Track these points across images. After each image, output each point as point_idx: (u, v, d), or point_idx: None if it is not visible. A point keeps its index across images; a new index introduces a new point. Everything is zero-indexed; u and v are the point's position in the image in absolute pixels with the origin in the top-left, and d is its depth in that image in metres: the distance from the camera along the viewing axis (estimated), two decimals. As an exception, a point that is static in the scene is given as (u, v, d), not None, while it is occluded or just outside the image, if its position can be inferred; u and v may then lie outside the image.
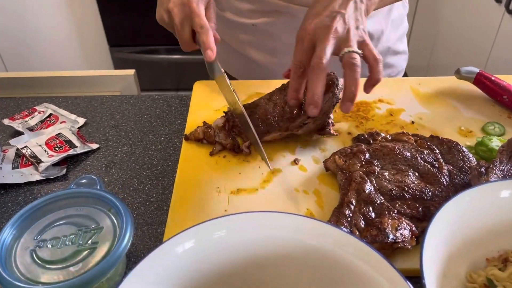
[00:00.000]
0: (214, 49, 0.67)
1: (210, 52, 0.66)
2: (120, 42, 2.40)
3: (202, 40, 0.67)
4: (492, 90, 0.78)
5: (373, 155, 0.65)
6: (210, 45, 0.66)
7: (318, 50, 0.62)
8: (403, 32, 1.00)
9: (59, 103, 0.86)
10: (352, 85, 0.60)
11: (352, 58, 0.61)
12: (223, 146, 0.70)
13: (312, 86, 0.61)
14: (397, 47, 0.98)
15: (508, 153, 0.62)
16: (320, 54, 0.61)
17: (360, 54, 0.61)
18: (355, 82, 0.60)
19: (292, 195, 0.63)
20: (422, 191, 0.60)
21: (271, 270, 0.47)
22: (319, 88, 0.61)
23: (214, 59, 0.67)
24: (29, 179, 0.69)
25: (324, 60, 0.60)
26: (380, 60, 0.63)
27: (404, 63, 1.03)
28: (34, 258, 0.50)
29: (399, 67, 1.01)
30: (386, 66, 0.97)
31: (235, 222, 0.44)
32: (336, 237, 0.41)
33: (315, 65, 0.60)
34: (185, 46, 0.71)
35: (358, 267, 0.40)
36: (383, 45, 0.94)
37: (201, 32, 0.67)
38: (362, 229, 0.55)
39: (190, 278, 0.46)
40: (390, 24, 0.93)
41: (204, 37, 0.67)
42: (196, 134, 0.71)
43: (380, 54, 0.81)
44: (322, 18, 0.63)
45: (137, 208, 0.65)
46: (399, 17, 0.95)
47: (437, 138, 0.67)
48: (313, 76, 0.61)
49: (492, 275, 0.49)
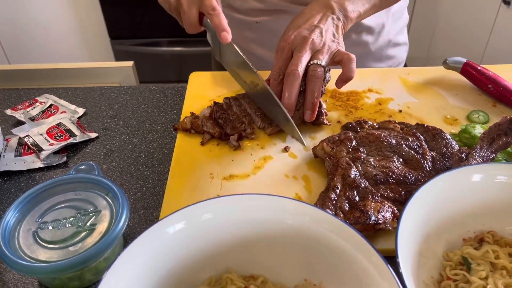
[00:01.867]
0: (229, 31, 0.69)
1: (226, 34, 0.68)
2: (121, 35, 2.43)
3: (215, 23, 0.68)
4: (478, 79, 0.80)
5: (359, 142, 0.68)
6: (224, 27, 0.68)
7: (294, 58, 0.68)
8: (403, 24, 1.02)
9: (59, 94, 0.89)
10: (311, 96, 0.67)
11: (314, 70, 0.67)
12: (211, 135, 0.73)
13: (286, 90, 0.67)
14: (398, 39, 1.00)
15: (489, 140, 0.64)
16: (296, 61, 0.67)
17: (326, 68, 0.67)
18: (313, 93, 0.67)
19: (282, 180, 0.66)
20: (406, 176, 0.62)
21: (257, 250, 0.50)
22: (293, 92, 0.67)
23: (230, 40, 0.69)
24: (31, 167, 0.72)
25: (299, 68, 0.66)
26: (353, 59, 0.68)
27: (404, 54, 1.06)
28: (36, 239, 0.53)
29: (399, 58, 1.04)
30: (386, 57, 1.00)
31: (221, 204, 0.47)
32: (311, 214, 0.44)
33: (290, 72, 0.67)
34: (191, 28, 0.73)
35: (333, 241, 0.43)
36: (384, 38, 0.96)
37: (213, 14, 0.68)
38: (346, 211, 0.58)
39: (181, 257, 0.49)
40: (391, 17, 0.95)
41: (217, 20, 0.68)
42: (184, 124, 0.74)
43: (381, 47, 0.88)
44: (301, 30, 0.69)
45: (134, 193, 0.68)
46: (399, 9, 0.98)
47: (422, 126, 0.70)
48: (288, 81, 0.67)
49: (467, 254, 0.52)
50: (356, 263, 0.42)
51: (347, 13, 0.73)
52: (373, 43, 0.95)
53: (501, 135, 0.64)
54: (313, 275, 0.49)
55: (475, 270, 0.50)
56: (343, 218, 0.56)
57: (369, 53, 0.96)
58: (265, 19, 0.91)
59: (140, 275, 0.45)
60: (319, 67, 0.67)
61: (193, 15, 0.70)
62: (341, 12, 0.73)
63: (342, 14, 0.73)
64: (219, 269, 0.50)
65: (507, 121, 0.64)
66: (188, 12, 0.70)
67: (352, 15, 0.74)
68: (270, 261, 0.50)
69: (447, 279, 0.50)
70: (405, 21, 1.02)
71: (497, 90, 0.77)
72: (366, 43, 0.94)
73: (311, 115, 0.69)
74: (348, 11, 0.73)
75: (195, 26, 0.72)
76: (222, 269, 0.50)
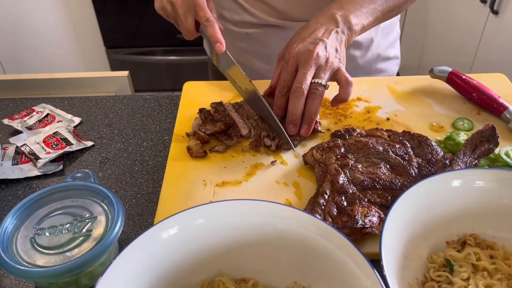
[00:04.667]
0: (223, 42, 0.73)
1: (220, 45, 0.72)
2: (116, 44, 2.45)
3: (209, 34, 0.72)
4: (463, 88, 0.83)
5: (348, 149, 0.70)
6: (218, 38, 0.72)
7: (299, 74, 0.70)
8: (394, 39, 1.04)
9: (56, 104, 0.91)
10: (310, 112, 0.71)
11: (315, 89, 0.70)
12: (218, 133, 0.74)
13: (292, 107, 0.70)
14: (388, 53, 1.02)
15: (472, 146, 0.67)
16: (301, 79, 0.69)
17: (326, 86, 0.70)
18: (311, 110, 0.70)
19: (273, 187, 0.68)
20: (392, 181, 0.64)
21: (248, 254, 0.52)
22: (298, 110, 0.70)
23: (224, 50, 0.72)
24: (28, 175, 0.73)
25: (304, 86, 0.69)
26: (350, 83, 0.71)
27: (395, 67, 1.08)
28: (33, 245, 0.55)
29: (390, 72, 1.06)
30: (376, 71, 1.02)
31: (213, 210, 0.49)
32: (299, 218, 0.46)
33: (296, 90, 0.70)
34: (188, 35, 0.76)
35: (320, 244, 0.45)
36: (372, 52, 0.98)
37: (207, 25, 0.72)
38: (335, 216, 0.60)
39: (174, 261, 0.50)
40: (380, 33, 0.97)
41: (211, 30, 0.72)
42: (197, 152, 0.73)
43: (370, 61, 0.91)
44: (306, 44, 0.72)
45: (129, 200, 0.69)
46: (389, 24, 0.99)
47: (409, 133, 0.72)
48: (293, 98, 0.70)
49: (450, 256, 0.54)
50: (342, 265, 0.44)
51: (351, 26, 0.75)
52: (361, 57, 0.97)
53: (483, 141, 0.67)
54: (302, 278, 0.51)
55: (458, 272, 0.52)
56: (331, 223, 0.59)
57: (357, 67, 0.98)
58: (256, 31, 0.93)
59: (134, 278, 0.47)
60: (320, 86, 0.70)
61: (189, 24, 0.74)
62: (345, 25, 0.74)
63: (347, 28, 0.75)
64: (211, 272, 0.52)
65: (489, 129, 0.67)
66: (184, 21, 0.74)
67: (356, 28, 0.75)
68: (261, 264, 0.52)
69: (431, 281, 0.52)
70: (396, 35, 1.04)
71: (481, 99, 0.80)
72: (354, 58, 0.96)
73: (307, 130, 0.72)
74: (352, 24, 0.75)
75: (192, 33, 0.76)
76: (214, 272, 0.52)
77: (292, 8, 0.87)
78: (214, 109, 0.78)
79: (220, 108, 0.78)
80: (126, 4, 2.30)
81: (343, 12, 0.75)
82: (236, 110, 0.78)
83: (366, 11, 0.77)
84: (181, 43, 2.26)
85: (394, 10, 0.81)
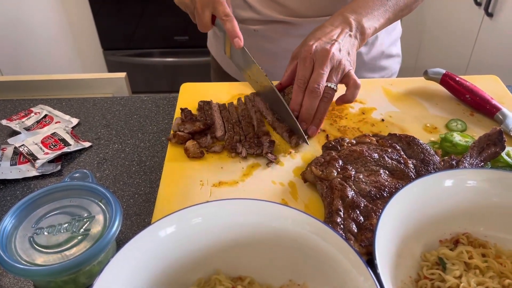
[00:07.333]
0: (241, 37, 0.75)
1: (238, 40, 0.74)
2: (114, 46, 2.45)
3: (228, 29, 0.73)
4: (456, 89, 0.84)
5: (345, 160, 0.68)
6: (237, 33, 0.74)
7: (316, 73, 0.72)
8: (396, 37, 1.06)
9: (53, 105, 0.91)
10: (320, 113, 0.73)
11: (327, 92, 0.73)
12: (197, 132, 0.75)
13: (308, 105, 0.72)
14: (391, 50, 1.04)
15: (479, 149, 0.68)
16: (318, 79, 0.71)
17: (335, 89, 0.73)
18: (321, 112, 0.73)
19: (269, 187, 0.69)
20: (396, 187, 0.64)
21: (244, 252, 0.53)
22: (313, 107, 0.72)
23: (242, 46, 0.74)
24: (26, 175, 0.74)
25: (321, 86, 0.71)
26: (358, 86, 0.74)
27: (397, 65, 1.09)
28: (32, 244, 0.55)
29: (392, 69, 1.07)
30: (379, 68, 1.04)
31: (210, 209, 0.50)
32: (294, 218, 0.47)
33: (314, 90, 0.72)
34: (203, 28, 0.78)
35: (314, 242, 0.46)
36: (377, 49, 1.00)
37: (226, 20, 0.73)
38: (356, 233, 0.58)
39: (171, 259, 0.51)
40: (384, 30, 0.99)
41: (230, 26, 0.73)
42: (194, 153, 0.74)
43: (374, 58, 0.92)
44: (322, 42, 0.74)
45: (126, 200, 0.70)
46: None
47: (395, 135, 0.72)
48: (310, 97, 0.72)
49: (443, 254, 0.55)
50: (336, 262, 0.45)
51: (364, 30, 0.77)
52: (367, 54, 0.99)
53: (490, 145, 0.68)
54: (297, 276, 0.51)
55: (450, 270, 0.53)
56: (355, 241, 0.57)
57: (362, 63, 0.99)
58: (263, 27, 0.94)
59: (132, 277, 0.48)
60: (331, 90, 0.72)
61: (206, 17, 0.76)
62: (358, 29, 0.76)
63: (359, 32, 0.77)
64: (208, 270, 0.53)
65: (496, 132, 0.68)
66: (201, 14, 0.76)
67: (368, 31, 0.78)
68: (257, 262, 0.53)
69: (424, 278, 0.53)
70: (398, 33, 1.06)
71: (474, 100, 0.81)
72: (360, 54, 0.98)
73: (315, 130, 0.75)
74: (365, 28, 0.77)
75: (208, 26, 0.77)
76: (211, 270, 0.53)
77: (300, 4, 0.89)
78: (200, 107, 0.79)
79: (205, 107, 0.79)
80: (123, 6, 2.31)
81: (355, 16, 0.77)
82: (220, 111, 0.79)
83: (378, 13, 0.79)
84: (178, 45, 2.27)
85: (405, 9, 0.83)
